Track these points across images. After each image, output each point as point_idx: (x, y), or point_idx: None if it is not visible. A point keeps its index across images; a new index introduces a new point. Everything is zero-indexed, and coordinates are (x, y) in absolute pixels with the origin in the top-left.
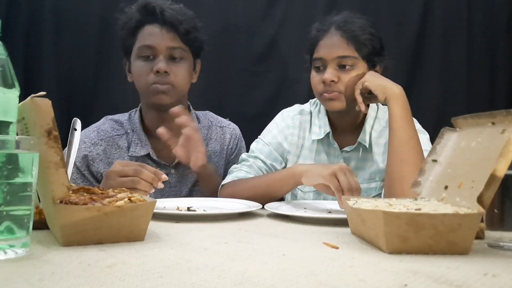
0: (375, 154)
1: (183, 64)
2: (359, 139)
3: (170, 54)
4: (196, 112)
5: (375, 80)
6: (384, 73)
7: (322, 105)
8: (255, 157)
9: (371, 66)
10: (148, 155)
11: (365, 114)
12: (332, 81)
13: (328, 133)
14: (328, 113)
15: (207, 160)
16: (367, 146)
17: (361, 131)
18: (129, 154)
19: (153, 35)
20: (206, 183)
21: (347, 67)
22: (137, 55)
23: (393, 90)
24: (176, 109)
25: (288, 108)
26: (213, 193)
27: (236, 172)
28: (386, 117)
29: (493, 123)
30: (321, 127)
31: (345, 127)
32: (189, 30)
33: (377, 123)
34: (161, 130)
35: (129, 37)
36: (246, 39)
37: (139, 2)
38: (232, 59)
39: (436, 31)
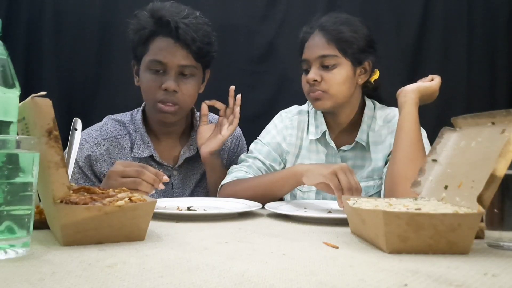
0: (373, 152)
1: (192, 81)
2: (356, 139)
3: (180, 71)
4: (199, 113)
5: (427, 81)
6: (381, 71)
7: None
8: (254, 158)
9: (357, 64)
10: (151, 156)
11: (362, 114)
12: (315, 80)
13: (324, 132)
14: (324, 114)
15: (218, 154)
16: (365, 145)
17: (359, 130)
18: (132, 155)
19: (165, 51)
20: (213, 174)
21: (329, 66)
22: (147, 68)
23: (417, 95)
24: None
25: (286, 109)
26: (220, 184)
27: (236, 173)
28: (384, 116)
29: (493, 123)
30: (317, 127)
31: (341, 126)
32: (201, 47)
33: (374, 122)
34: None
35: (140, 45)
36: (246, 39)
37: (152, 10)
38: (232, 59)
39: (436, 31)
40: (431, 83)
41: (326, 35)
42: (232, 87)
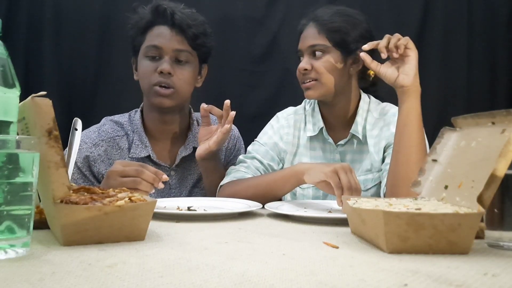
0: (370, 145)
1: (188, 67)
2: (351, 131)
3: (176, 56)
4: (196, 113)
5: (414, 63)
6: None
7: (316, 103)
8: (252, 158)
9: (347, 53)
10: (148, 156)
11: (357, 107)
12: (305, 69)
13: (321, 129)
14: (321, 109)
15: (213, 157)
16: (361, 138)
17: (353, 123)
18: (130, 155)
19: (161, 36)
20: (205, 176)
21: (318, 54)
22: (144, 55)
23: (417, 82)
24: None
25: (282, 111)
26: (215, 188)
27: (234, 173)
28: (380, 109)
29: (493, 123)
30: (314, 124)
31: (338, 121)
32: (197, 35)
33: (370, 115)
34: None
35: (138, 36)
36: (246, 39)
37: (151, 4)
38: (232, 59)
39: (436, 31)
40: (413, 59)
41: (317, 25)
42: (227, 102)
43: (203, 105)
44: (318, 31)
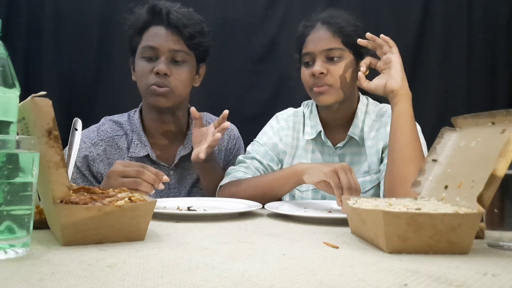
0: (367, 147)
1: (185, 67)
2: (349, 133)
3: (172, 57)
4: None
5: (398, 67)
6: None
7: (314, 106)
8: (252, 158)
9: (359, 58)
10: (147, 156)
11: (355, 109)
12: (321, 73)
13: (320, 132)
14: (320, 111)
15: (209, 158)
16: (359, 140)
17: (351, 125)
18: (129, 155)
19: (157, 36)
20: (203, 178)
21: (335, 58)
22: (141, 55)
23: (406, 86)
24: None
25: (282, 111)
26: (213, 189)
27: (234, 173)
28: (377, 110)
29: (493, 123)
30: (313, 127)
31: (337, 123)
32: (193, 34)
33: (367, 117)
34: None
35: (135, 37)
36: (246, 39)
37: (148, 4)
38: (232, 59)
39: (436, 31)
40: (397, 62)
41: (330, 28)
42: (226, 112)
43: (193, 109)
44: (332, 34)
